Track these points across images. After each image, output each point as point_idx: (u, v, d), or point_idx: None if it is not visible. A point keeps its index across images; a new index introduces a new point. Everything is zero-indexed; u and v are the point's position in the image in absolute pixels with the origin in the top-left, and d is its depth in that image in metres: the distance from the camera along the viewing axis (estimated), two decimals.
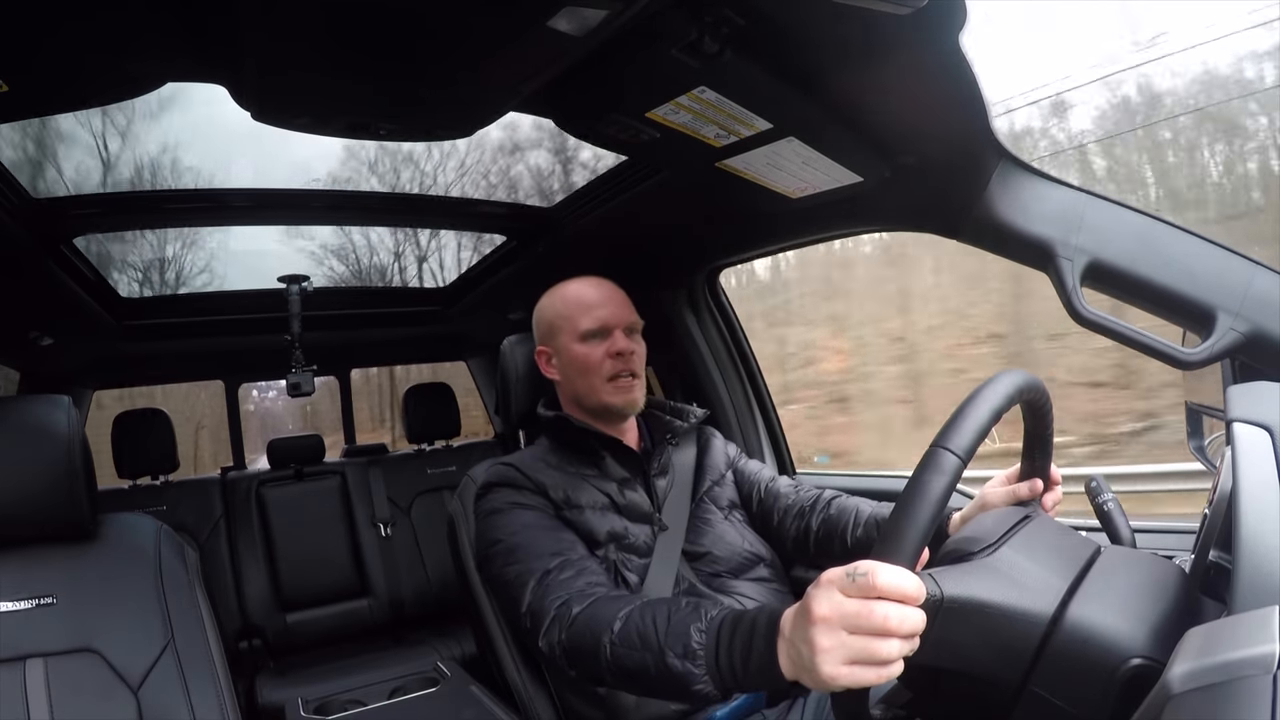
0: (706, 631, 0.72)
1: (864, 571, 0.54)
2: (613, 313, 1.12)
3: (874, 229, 1.37)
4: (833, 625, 0.55)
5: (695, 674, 0.71)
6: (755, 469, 1.26)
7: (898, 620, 0.53)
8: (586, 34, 0.74)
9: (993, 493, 0.91)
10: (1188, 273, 0.88)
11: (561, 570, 0.93)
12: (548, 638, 0.87)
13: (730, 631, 0.70)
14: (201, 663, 0.97)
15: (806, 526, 1.14)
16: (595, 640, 0.80)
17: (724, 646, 0.69)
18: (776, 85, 0.88)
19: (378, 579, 2.48)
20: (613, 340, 1.11)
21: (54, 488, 0.94)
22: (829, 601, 0.56)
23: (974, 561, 0.63)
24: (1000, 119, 5.01)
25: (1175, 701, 0.43)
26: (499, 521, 1.04)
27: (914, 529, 0.56)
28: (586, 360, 1.11)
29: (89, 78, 0.82)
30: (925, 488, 0.56)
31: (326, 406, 7.85)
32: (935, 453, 0.58)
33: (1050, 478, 0.86)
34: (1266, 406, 0.66)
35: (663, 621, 0.75)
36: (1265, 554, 0.55)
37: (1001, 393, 0.63)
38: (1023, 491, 0.87)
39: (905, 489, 0.57)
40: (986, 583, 0.60)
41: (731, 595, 1.08)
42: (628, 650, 0.77)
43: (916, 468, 0.58)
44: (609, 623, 0.80)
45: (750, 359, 1.84)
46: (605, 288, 1.16)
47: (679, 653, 0.72)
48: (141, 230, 1.73)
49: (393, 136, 0.99)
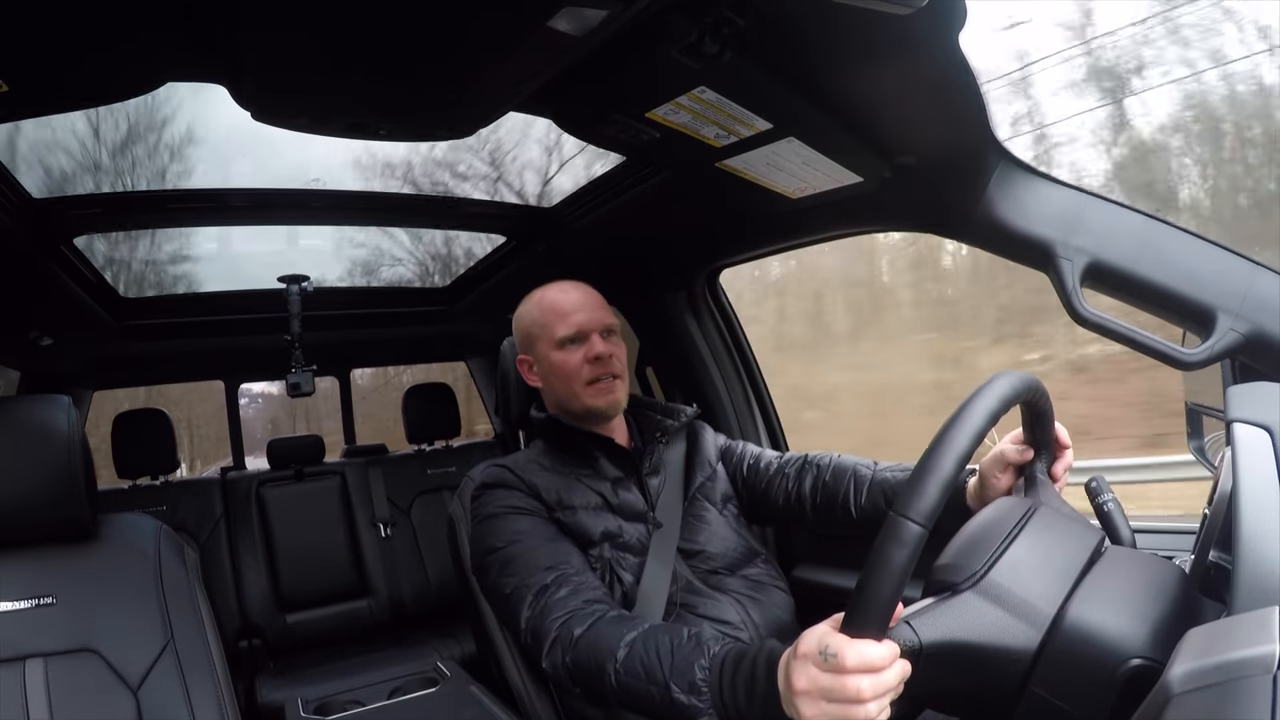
0: (710, 669, 0.76)
1: (834, 652, 0.58)
2: (588, 317, 1.12)
3: (874, 229, 1.37)
4: (813, 697, 0.61)
5: (700, 708, 0.75)
6: (740, 446, 1.27)
7: (871, 689, 0.58)
8: (586, 34, 0.74)
9: (987, 464, 0.92)
10: (1188, 273, 0.88)
11: (559, 586, 0.94)
12: (551, 659, 0.89)
13: (733, 670, 0.74)
14: (201, 663, 0.97)
15: (798, 491, 1.15)
16: (600, 666, 0.83)
17: (727, 684, 0.74)
18: (776, 85, 0.88)
19: (378, 579, 2.48)
20: (590, 345, 1.11)
21: (54, 488, 0.94)
22: (806, 676, 0.61)
23: (957, 597, 0.62)
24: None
25: (1175, 702, 0.43)
26: (494, 528, 1.05)
27: (879, 600, 0.57)
28: (565, 367, 1.12)
29: (89, 78, 0.82)
30: (887, 560, 0.56)
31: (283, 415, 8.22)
32: (896, 522, 0.57)
33: (1059, 442, 0.86)
34: (1266, 406, 0.66)
35: (666, 654, 0.79)
36: (1265, 554, 0.55)
37: (969, 431, 0.60)
38: (1011, 456, 0.87)
39: (868, 560, 0.58)
40: (967, 622, 0.61)
41: (728, 592, 1.08)
42: (633, 680, 0.80)
43: (878, 538, 0.57)
44: (613, 650, 0.83)
45: (750, 359, 1.84)
46: (578, 291, 1.16)
47: (684, 688, 0.76)
48: (141, 230, 1.72)
49: (392, 136, 0.99)
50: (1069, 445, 0.87)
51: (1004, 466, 0.89)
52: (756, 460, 1.23)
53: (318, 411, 9.73)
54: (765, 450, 1.26)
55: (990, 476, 0.91)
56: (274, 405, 8.13)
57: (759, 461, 1.23)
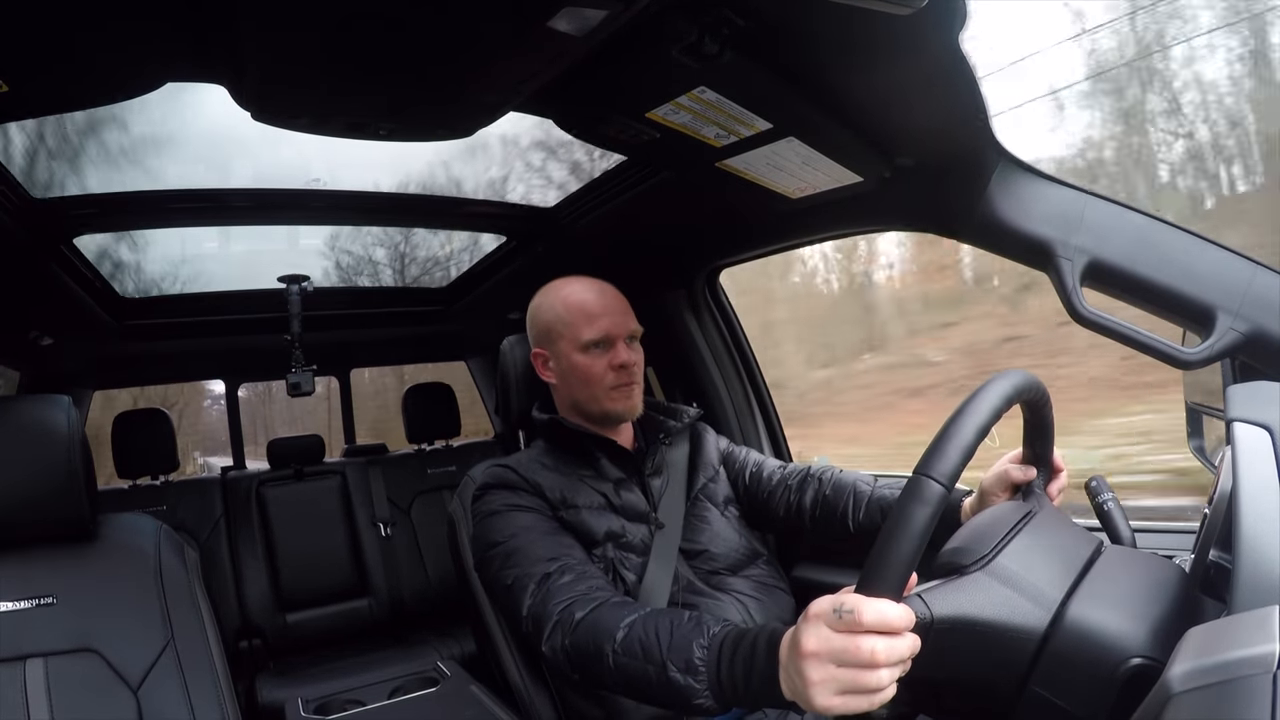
0: (709, 648, 0.73)
1: (850, 609, 0.56)
2: (615, 321, 1.11)
3: (874, 229, 1.37)
4: (822, 659, 0.58)
5: (696, 689, 0.73)
6: (743, 453, 1.27)
7: (885, 653, 0.55)
8: (586, 34, 0.74)
9: (989, 481, 0.92)
10: (1188, 272, 0.88)
11: (561, 574, 0.93)
12: (551, 642, 0.87)
13: (732, 650, 0.72)
14: (201, 662, 0.97)
15: (798, 503, 1.15)
16: (599, 647, 0.81)
17: (725, 663, 0.71)
18: (776, 85, 0.88)
19: (378, 579, 2.48)
20: (615, 352, 1.10)
21: (54, 488, 0.94)
22: (817, 636, 0.58)
23: (966, 576, 0.62)
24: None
25: (1175, 701, 0.43)
26: (496, 524, 1.04)
27: (898, 560, 0.56)
28: (589, 372, 1.10)
29: (89, 78, 0.82)
30: (908, 518, 0.56)
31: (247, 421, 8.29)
32: (918, 481, 0.57)
33: (1054, 465, 0.86)
34: (1266, 406, 0.66)
35: (665, 634, 0.77)
36: (1265, 554, 0.55)
37: (988, 405, 0.61)
38: (1016, 475, 0.87)
39: (888, 519, 0.57)
40: (978, 599, 0.60)
41: (729, 593, 1.08)
42: (630, 659, 0.78)
43: (900, 496, 0.58)
44: (612, 631, 0.81)
45: (750, 359, 1.84)
46: (606, 294, 1.14)
47: (681, 667, 0.74)
48: (141, 230, 1.72)
49: (392, 137, 0.99)
50: (1064, 468, 0.87)
51: (1005, 486, 0.89)
52: (759, 469, 1.23)
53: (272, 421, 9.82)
54: (768, 459, 1.25)
55: (990, 495, 0.90)
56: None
57: (761, 470, 1.22)
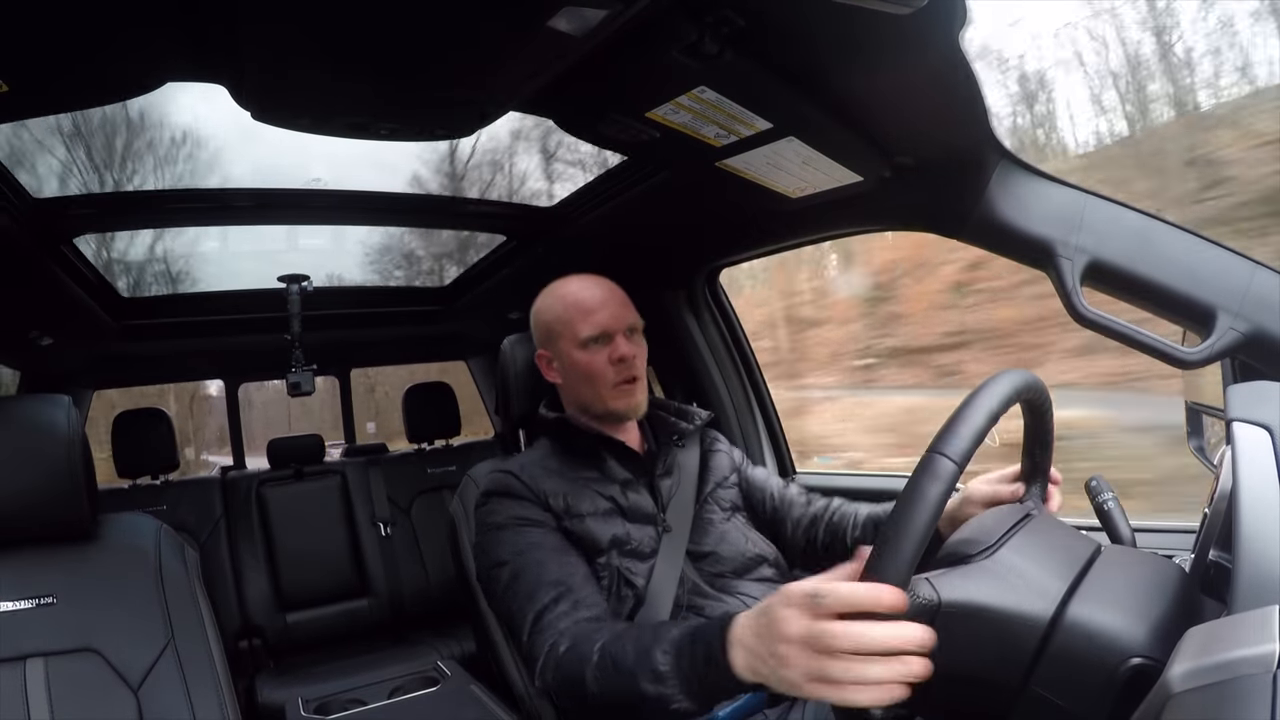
0: (669, 652, 0.73)
1: (823, 594, 0.55)
2: (613, 315, 1.11)
3: (874, 229, 1.37)
4: (800, 645, 0.56)
5: (669, 695, 0.72)
6: (763, 477, 1.25)
7: (871, 640, 0.53)
8: (586, 34, 0.74)
9: (976, 490, 0.91)
10: (1188, 272, 0.88)
11: (557, 603, 0.92)
12: (543, 678, 0.88)
13: (689, 646, 0.71)
14: (201, 662, 0.97)
15: (815, 536, 1.16)
16: (580, 676, 0.81)
17: (687, 662, 0.71)
18: (776, 85, 0.88)
19: (378, 579, 2.48)
20: (614, 346, 1.10)
21: (54, 488, 0.94)
22: (795, 622, 0.57)
23: (973, 564, 0.62)
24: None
25: (1175, 701, 0.42)
26: (501, 539, 1.02)
27: (909, 535, 0.55)
28: (590, 368, 1.10)
29: (89, 78, 0.82)
30: (922, 492, 0.56)
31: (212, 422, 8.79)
32: (932, 458, 0.57)
33: (1051, 477, 0.86)
34: (1266, 406, 0.66)
35: (630, 650, 0.77)
36: (1265, 554, 0.55)
37: (1000, 394, 0.62)
38: (1004, 492, 0.87)
39: (901, 494, 0.57)
40: (985, 586, 0.60)
41: (736, 595, 1.07)
42: (607, 683, 0.78)
43: (913, 473, 0.58)
44: (588, 658, 0.81)
45: (750, 359, 1.84)
46: (604, 288, 1.14)
47: (649, 678, 0.73)
48: (141, 230, 1.72)
49: (393, 136, 0.99)
50: (1059, 481, 0.87)
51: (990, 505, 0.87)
52: (782, 501, 1.21)
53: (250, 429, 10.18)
54: (789, 487, 1.24)
55: (970, 506, 0.90)
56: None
57: (786, 505, 1.21)
